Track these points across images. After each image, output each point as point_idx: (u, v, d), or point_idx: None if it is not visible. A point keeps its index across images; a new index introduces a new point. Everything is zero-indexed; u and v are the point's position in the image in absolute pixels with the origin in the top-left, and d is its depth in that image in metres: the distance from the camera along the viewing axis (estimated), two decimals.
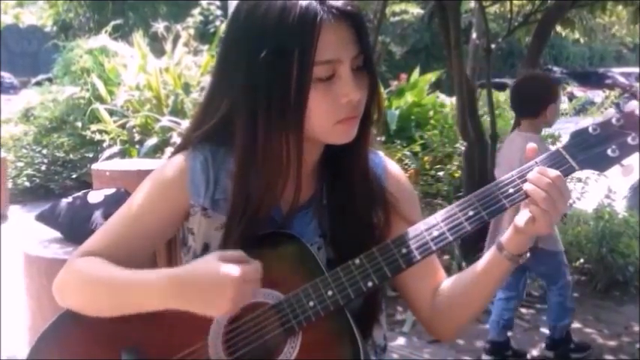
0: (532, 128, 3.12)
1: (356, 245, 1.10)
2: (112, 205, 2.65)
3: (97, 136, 6.77)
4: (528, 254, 1.10)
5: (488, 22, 5.35)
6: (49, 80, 9.70)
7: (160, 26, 8.31)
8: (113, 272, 1.09)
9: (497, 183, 1.06)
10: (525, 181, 1.04)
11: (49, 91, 8.48)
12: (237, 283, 0.98)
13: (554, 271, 3.24)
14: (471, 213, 1.05)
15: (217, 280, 0.99)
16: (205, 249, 1.16)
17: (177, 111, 6.74)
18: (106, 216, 2.60)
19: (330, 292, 1.04)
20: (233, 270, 0.98)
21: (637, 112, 1.05)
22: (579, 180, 4.94)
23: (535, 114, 3.07)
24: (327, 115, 1.07)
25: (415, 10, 11.57)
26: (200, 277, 1.01)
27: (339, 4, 1.05)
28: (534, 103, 3.08)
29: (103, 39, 8.74)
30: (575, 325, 3.61)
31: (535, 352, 3.44)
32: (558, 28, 6.11)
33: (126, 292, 1.07)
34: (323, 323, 1.04)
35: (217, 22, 11.22)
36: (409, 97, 7.13)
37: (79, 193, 2.86)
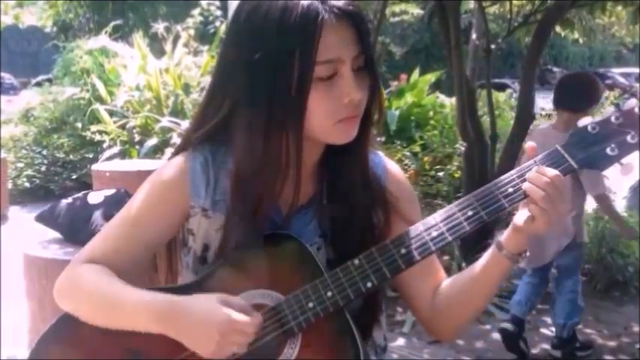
0: (565, 127, 3.05)
1: (356, 245, 1.10)
2: (112, 205, 2.64)
3: (97, 137, 6.77)
4: (528, 253, 1.10)
5: (488, 23, 5.34)
6: (49, 81, 9.70)
7: (159, 27, 8.30)
8: (109, 289, 1.09)
9: (496, 183, 1.06)
10: (524, 180, 1.04)
11: (49, 91, 8.47)
12: (228, 330, 0.99)
13: (576, 264, 3.28)
14: (470, 213, 1.05)
15: (209, 320, 1.00)
16: (205, 250, 1.16)
17: (177, 111, 6.74)
18: (106, 217, 2.60)
19: (329, 293, 1.04)
20: (229, 316, 0.99)
21: (636, 110, 1.05)
22: None
23: (577, 109, 3.05)
24: (328, 115, 1.07)
25: (415, 11, 11.60)
26: (194, 312, 1.02)
27: (340, 3, 1.05)
28: (581, 99, 3.11)
29: (102, 39, 8.73)
30: None
31: (535, 352, 3.44)
32: (558, 29, 6.10)
33: (117, 312, 1.07)
34: (323, 324, 1.04)
35: (217, 23, 11.25)
36: (409, 98, 7.13)
37: (79, 194, 2.85)
